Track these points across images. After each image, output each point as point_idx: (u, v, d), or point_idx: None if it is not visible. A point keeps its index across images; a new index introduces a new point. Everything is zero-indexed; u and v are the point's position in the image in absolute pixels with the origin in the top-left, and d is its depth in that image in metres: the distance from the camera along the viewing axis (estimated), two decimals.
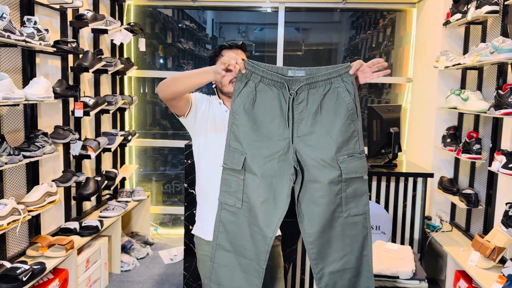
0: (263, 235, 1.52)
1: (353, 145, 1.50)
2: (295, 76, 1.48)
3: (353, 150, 1.50)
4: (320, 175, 1.49)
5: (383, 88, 4.48)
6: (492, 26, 2.93)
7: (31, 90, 2.39)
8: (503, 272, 2.28)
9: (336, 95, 1.48)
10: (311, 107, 1.48)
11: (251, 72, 1.50)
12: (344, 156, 1.49)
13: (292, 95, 1.48)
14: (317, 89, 1.48)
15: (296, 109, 1.49)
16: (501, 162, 2.36)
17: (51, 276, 2.64)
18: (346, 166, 1.49)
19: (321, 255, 1.54)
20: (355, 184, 1.51)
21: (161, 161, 4.80)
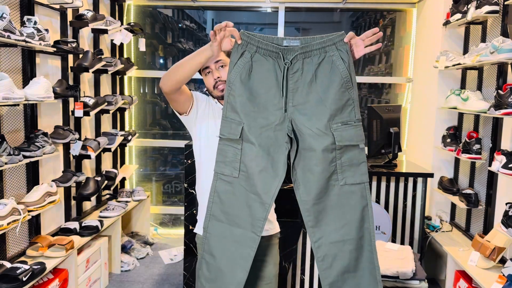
0: (261, 202, 1.53)
1: (348, 113, 1.50)
2: (290, 45, 1.50)
3: (348, 118, 1.50)
4: (314, 143, 1.49)
5: (383, 88, 4.48)
6: (492, 26, 2.93)
7: (31, 90, 2.39)
8: (503, 272, 2.28)
9: (331, 64, 1.48)
10: (306, 76, 1.49)
11: (246, 42, 1.51)
12: (338, 124, 1.49)
13: (286, 65, 1.48)
14: (311, 58, 1.49)
15: (291, 78, 1.49)
16: (501, 162, 2.36)
17: (51, 276, 2.64)
18: (340, 134, 1.49)
19: (318, 223, 1.54)
20: (350, 152, 1.51)
21: (161, 161, 4.80)
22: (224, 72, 1.73)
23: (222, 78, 1.73)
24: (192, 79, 5.16)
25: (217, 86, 1.75)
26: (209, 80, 1.76)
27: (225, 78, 1.66)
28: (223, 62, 1.74)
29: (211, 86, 1.76)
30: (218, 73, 1.73)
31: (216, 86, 1.75)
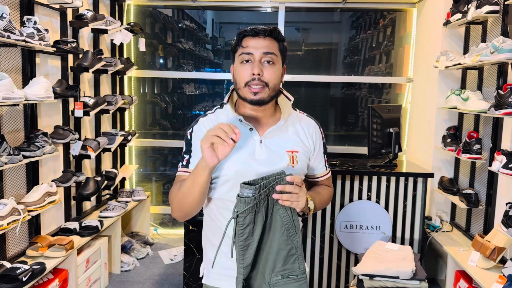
0: None
1: (290, 264, 1.27)
2: (243, 195, 1.20)
3: (290, 270, 1.27)
4: None
5: (383, 88, 4.48)
6: (492, 26, 2.93)
7: (31, 90, 2.39)
8: (503, 272, 2.28)
9: (271, 210, 1.25)
10: (257, 229, 1.24)
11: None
12: (278, 277, 1.27)
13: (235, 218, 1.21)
14: (261, 207, 1.24)
15: (240, 235, 1.23)
16: (501, 162, 2.36)
17: (51, 276, 2.64)
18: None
19: None
20: None
21: (161, 161, 4.80)
22: (269, 71, 1.32)
23: (264, 78, 1.31)
24: (191, 79, 5.13)
25: (251, 84, 1.31)
26: (244, 72, 1.32)
27: (268, 79, 1.31)
28: (273, 59, 1.32)
29: (242, 81, 1.32)
30: (260, 69, 1.30)
31: (249, 84, 1.32)
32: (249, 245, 1.24)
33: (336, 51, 4.62)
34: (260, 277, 1.29)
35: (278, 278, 1.27)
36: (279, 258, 1.26)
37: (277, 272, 1.27)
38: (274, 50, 1.33)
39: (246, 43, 1.33)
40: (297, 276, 1.28)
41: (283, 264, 1.27)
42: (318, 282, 3.00)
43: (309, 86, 4.47)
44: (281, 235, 1.25)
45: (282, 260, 1.26)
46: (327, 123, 4.57)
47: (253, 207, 1.21)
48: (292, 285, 1.27)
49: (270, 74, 1.32)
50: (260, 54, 1.31)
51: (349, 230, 2.94)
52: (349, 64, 4.60)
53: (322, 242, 2.97)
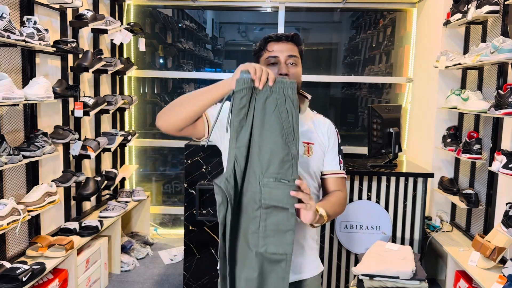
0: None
1: (284, 170, 1.28)
2: (243, 76, 1.29)
3: (283, 175, 1.28)
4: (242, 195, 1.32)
5: (383, 88, 4.48)
6: (492, 26, 2.93)
7: (31, 90, 2.39)
8: (503, 272, 2.28)
9: (275, 107, 1.29)
10: (250, 114, 1.30)
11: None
12: (269, 178, 1.28)
13: (233, 95, 1.29)
14: (260, 94, 1.30)
15: (237, 115, 1.29)
16: (501, 162, 2.36)
17: (51, 276, 2.64)
18: (269, 191, 1.28)
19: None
20: (278, 215, 1.29)
21: (161, 161, 4.80)
22: (293, 71, 1.48)
23: (291, 77, 1.46)
24: (191, 79, 5.14)
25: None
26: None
27: (293, 79, 1.43)
28: (295, 60, 1.49)
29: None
30: (287, 69, 1.46)
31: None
32: (243, 128, 1.29)
33: (336, 51, 4.62)
34: (252, 175, 1.31)
35: (269, 180, 1.29)
36: (273, 160, 1.28)
37: (270, 174, 1.29)
38: (296, 53, 1.50)
39: (272, 47, 1.49)
40: (288, 181, 1.29)
41: (276, 168, 1.29)
42: None
43: (309, 86, 4.47)
44: (279, 137, 1.29)
45: (276, 163, 1.29)
46: None
47: (250, 89, 1.28)
48: (282, 189, 1.28)
49: (294, 74, 1.48)
50: (285, 57, 1.47)
51: (349, 230, 2.94)
52: (349, 64, 4.60)
53: (322, 242, 2.97)
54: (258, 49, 1.53)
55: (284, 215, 1.29)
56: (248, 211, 1.32)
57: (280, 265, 1.31)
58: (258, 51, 1.53)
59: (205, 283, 2.87)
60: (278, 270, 1.32)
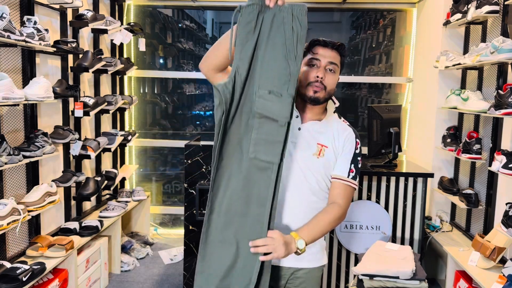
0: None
1: (281, 85, 1.35)
2: None
3: (278, 88, 1.35)
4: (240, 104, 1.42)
5: (383, 88, 4.48)
6: (492, 26, 2.93)
7: (31, 90, 2.39)
8: (503, 272, 2.28)
9: (280, 24, 1.35)
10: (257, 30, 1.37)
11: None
12: (265, 91, 1.36)
13: (240, 11, 1.37)
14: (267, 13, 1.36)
15: (243, 28, 1.37)
16: (501, 162, 2.36)
17: (51, 276, 2.64)
18: (263, 103, 1.36)
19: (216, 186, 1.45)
20: (269, 126, 1.37)
21: (161, 161, 4.80)
22: (330, 77, 1.55)
23: (325, 82, 1.54)
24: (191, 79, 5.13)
25: (314, 85, 1.53)
26: (309, 73, 1.54)
27: (327, 84, 1.54)
28: (334, 68, 1.56)
29: (307, 80, 1.54)
30: (324, 74, 1.54)
31: (312, 84, 1.53)
32: (249, 41, 1.36)
33: None
34: (252, 86, 1.38)
35: (265, 91, 1.36)
36: (272, 74, 1.36)
37: (266, 86, 1.37)
38: (337, 62, 1.57)
39: (316, 50, 1.58)
40: (282, 95, 1.36)
41: (273, 82, 1.36)
42: None
43: None
44: (280, 54, 1.35)
45: (274, 78, 1.36)
46: None
47: (258, 6, 1.34)
48: (274, 102, 1.36)
49: (330, 80, 1.55)
50: (325, 62, 1.55)
51: (349, 230, 2.94)
52: (349, 64, 4.60)
53: None
54: (305, 50, 1.59)
55: (274, 126, 1.37)
56: (244, 119, 1.40)
57: (267, 173, 1.39)
58: (304, 52, 1.58)
59: None
60: (264, 178, 1.39)
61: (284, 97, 1.35)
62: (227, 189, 1.43)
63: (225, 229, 1.43)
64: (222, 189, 1.43)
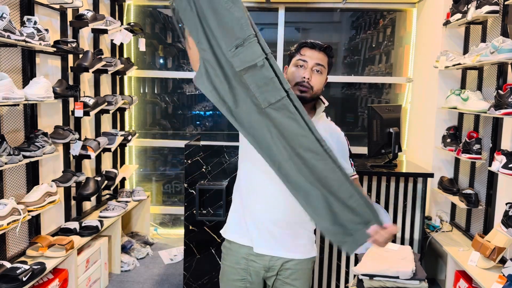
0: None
1: (238, 32, 1.33)
2: None
3: (240, 39, 1.33)
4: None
5: (383, 88, 4.48)
6: (492, 26, 2.93)
7: (31, 90, 2.39)
8: (503, 272, 2.28)
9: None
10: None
11: None
12: (233, 49, 1.35)
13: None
14: None
15: (185, 17, 1.42)
16: (501, 162, 2.36)
17: (51, 276, 2.64)
18: (238, 59, 1.35)
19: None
20: (256, 73, 1.36)
21: (161, 161, 4.80)
22: (316, 78, 1.61)
23: (312, 82, 1.60)
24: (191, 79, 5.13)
25: (301, 85, 1.60)
26: (296, 74, 1.61)
27: (314, 84, 1.60)
28: (321, 69, 1.63)
29: (294, 81, 1.61)
30: (310, 75, 1.60)
31: (299, 84, 1.60)
32: (194, 23, 1.39)
33: (336, 51, 4.62)
34: (222, 55, 1.38)
35: (232, 49, 1.35)
36: (226, 33, 1.35)
37: (230, 45, 1.35)
38: (324, 63, 1.63)
39: (304, 52, 1.63)
40: (244, 41, 1.34)
41: (231, 37, 1.34)
42: (318, 282, 3.00)
43: None
44: (219, 10, 1.33)
45: (229, 33, 1.34)
46: None
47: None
48: (245, 52, 1.34)
49: (316, 80, 1.61)
50: (312, 63, 1.61)
51: None
52: (349, 64, 4.60)
53: (322, 242, 2.97)
54: (293, 52, 1.66)
55: (258, 70, 1.35)
56: (237, 80, 1.39)
57: (285, 110, 1.39)
58: (293, 54, 1.66)
59: (205, 283, 2.87)
60: (286, 115, 1.39)
61: (247, 41, 1.33)
62: (273, 155, 1.43)
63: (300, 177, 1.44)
64: (270, 155, 1.43)
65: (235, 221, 1.70)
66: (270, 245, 1.61)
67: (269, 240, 1.61)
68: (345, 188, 1.41)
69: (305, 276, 1.68)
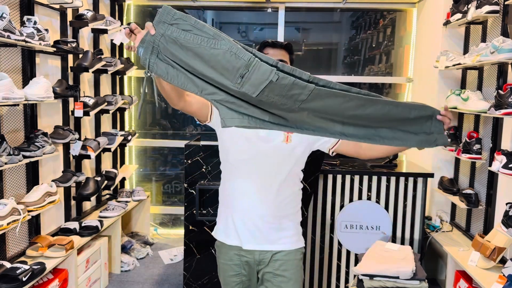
0: None
1: (236, 62, 1.30)
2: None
3: (239, 66, 1.30)
4: None
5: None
6: (492, 26, 2.93)
7: (31, 90, 2.39)
8: (503, 272, 2.28)
9: (172, 38, 1.34)
10: None
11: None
12: (238, 81, 1.33)
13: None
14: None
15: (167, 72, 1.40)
16: (501, 162, 2.36)
17: (51, 276, 2.64)
18: (250, 86, 1.33)
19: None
20: (274, 88, 1.34)
21: (161, 161, 4.80)
22: None
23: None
24: None
25: None
26: None
27: None
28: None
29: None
30: None
31: None
32: (178, 75, 1.35)
33: (336, 51, 4.62)
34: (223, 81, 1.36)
35: (239, 80, 1.31)
36: (215, 68, 1.32)
37: (234, 79, 1.33)
38: (286, 59, 1.77)
39: (267, 51, 1.76)
40: (248, 71, 1.31)
41: (230, 73, 1.31)
42: (318, 282, 3.00)
43: None
44: (199, 52, 1.29)
45: (225, 70, 1.31)
46: None
47: (148, 49, 1.34)
48: (255, 76, 1.31)
49: None
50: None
51: (349, 230, 2.94)
52: (349, 64, 4.60)
53: (322, 242, 2.97)
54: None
55: (275, 85, 1.31)
56: (258, 99, 1.36)
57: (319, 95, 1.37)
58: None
59: (205, 283, 2.87)
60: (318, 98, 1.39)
61: (250, 66, 1.29)
62: (329, 130, 1.51)
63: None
64: (327, 132, 1.52)
65: (223, 223, 1.77)
66: (258, 240, 1.69)
67: (257, 236, 1.69)
68: (397, 111, 1.47)
69: (294, 267, 1.73)
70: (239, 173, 1.70)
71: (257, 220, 1.68)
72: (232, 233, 1.72)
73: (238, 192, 1.71)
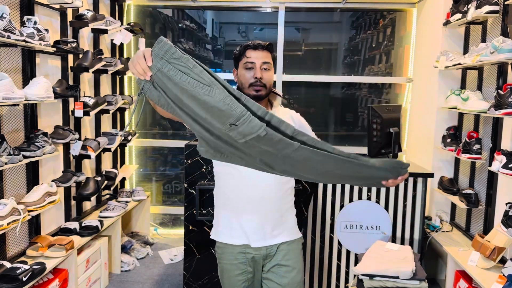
0: None
1: (228, 111, 1.27)
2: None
3: (230, 115, 1.28)
4: None
5: (383, 88, 4.48)
6: (492, 26, 2.93)
7: (31, 90, 2.39)
8: (503, 272, 2.28)
9: (171, 78, 1.31)
10: None
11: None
12: (226, 126, 1.30)
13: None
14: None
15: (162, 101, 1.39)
16: (501, 162, 2.36)
17: (51, 276, 2.64)
18: (237, 133, 1.31)
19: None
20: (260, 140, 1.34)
21: (161, 161, 4.80)
22: (267, 75, 1.73)
23: (264, 80, 1.71)
24: None
25: (255, 85, 1.71)
26: (247, 76, 1.72)
27: (266, 82, 1.72)
28: (269, 66, 1.75)
29: (247, 82, 1.72)
30: (261, 74, 1.71)
31: (253, 84, 1.71)
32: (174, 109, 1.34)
33: (336, 51, 4.62)
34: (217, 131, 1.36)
35: (226, 128, 1.30)
36: (214, 115, 1.29)
37: (223, 126, 1.32)
38: (269, 60, 1.75)
39: (249, 54, 1.73)
40: (237, 123, 1.29)
41: (220, 119, 1.29)
42: (318, 282, 3.00)
43: (309, 86, 4.47)
44: (198, 97, 1.27)
45: (217, 117, 1.29)
46: (327, 123, 4.57)
47: (148, 82, 1.32)
48: (245, 127, 1.29)
49: (267, 77, 1.74)
50: (260, 63, 1.72)
51: (349, 230, 2.94)
52: (349, 64, 4.60)
53: (322, 242, 2.97)
54: (238, 55, 1.77)
55: (263, 139, 1.30)
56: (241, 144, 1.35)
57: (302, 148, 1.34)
58: (238, 57, 1.77)
59: (205, 283, 2.87)
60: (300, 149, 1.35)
61: (241, 118, 1.27)
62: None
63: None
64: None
65: (226, 225, 1.80)
66: (266, 236, 1.75)
67: (264, 233, 1.75)
68: (368, 170, 1.44)
69: (296, 255, 1.82)
70: (241, 175, 1.72)
71: (263, 218, 1.74)
72: (238, 234, 1.76)
73: (242, 194, 1.74)
